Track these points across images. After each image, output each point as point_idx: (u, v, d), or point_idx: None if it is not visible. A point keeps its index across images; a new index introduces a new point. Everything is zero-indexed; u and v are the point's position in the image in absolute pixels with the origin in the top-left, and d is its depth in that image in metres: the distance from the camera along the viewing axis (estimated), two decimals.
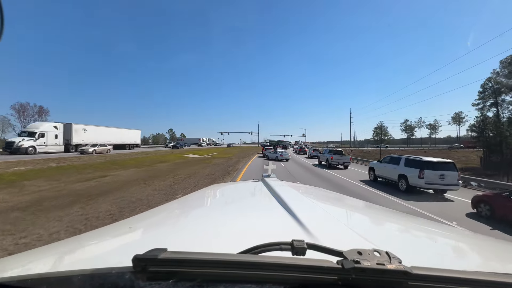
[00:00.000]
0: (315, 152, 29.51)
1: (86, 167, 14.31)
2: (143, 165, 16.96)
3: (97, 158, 19.47)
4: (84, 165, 15.05)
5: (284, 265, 0.47)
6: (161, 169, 14.99)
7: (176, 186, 9.06)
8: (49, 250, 0.80)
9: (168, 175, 12.14)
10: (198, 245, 0.79)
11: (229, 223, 1.05)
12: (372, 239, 0.80)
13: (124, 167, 15.23)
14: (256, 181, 2.24)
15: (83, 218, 5.10)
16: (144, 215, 1.31)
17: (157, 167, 16.17)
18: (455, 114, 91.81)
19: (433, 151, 49.09)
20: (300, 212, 1.04)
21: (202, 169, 14.80)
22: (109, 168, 14.53)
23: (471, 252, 0.92)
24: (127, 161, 18.83)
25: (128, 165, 16.54)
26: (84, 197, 7.01)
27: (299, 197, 1.53)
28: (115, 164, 16.41)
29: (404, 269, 0.46)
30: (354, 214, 1.41)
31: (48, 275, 0.54)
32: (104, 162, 17.05)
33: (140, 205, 6.18)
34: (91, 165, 15.21)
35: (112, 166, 15.46)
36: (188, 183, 9.72)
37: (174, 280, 0.47)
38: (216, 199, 1.73)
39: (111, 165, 16.12)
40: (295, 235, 0.67)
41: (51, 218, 5.08)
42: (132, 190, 8.28)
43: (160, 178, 10.95)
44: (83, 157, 19.97)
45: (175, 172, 13.23)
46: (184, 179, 10.82)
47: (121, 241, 0.90)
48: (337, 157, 17.75)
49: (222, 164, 18.43)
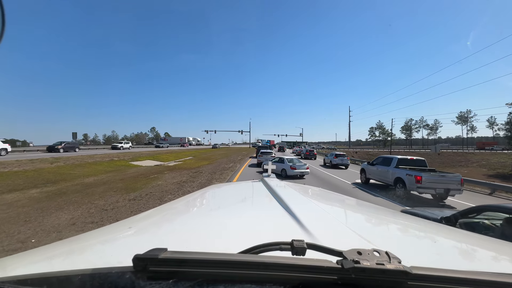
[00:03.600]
0: (339, 158, 19.53)
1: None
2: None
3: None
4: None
5: (284, 265, 0.47)
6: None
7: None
8: (49, 250, 0.79)
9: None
10: (198, 245, 0.79)
11: (229, 223, 1.04)
12: (371, 239, 0.80)
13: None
14: (256, 181, 2.22)
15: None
16: (144, 215, 1.27)
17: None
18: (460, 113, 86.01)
19: (447, 153, 45.19)
20: (300, 212, 1.05)
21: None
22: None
23: (471, 252, 0.91)
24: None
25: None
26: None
27: (299, 197, 1.51)
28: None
29: (404, 269, 0.46)
30: (354, 214, 1.40)
31: (48, 275, 0.54)
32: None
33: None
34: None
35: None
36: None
37: (174, 279, 0.47)
38: (216, 199, 1.70)
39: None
40: (295, 235, 0.68)
41: None
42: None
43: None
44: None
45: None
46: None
47: (121, 241, 0.88)
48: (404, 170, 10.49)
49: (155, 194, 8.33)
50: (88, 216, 5.95)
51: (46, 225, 5.39)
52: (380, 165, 10.69)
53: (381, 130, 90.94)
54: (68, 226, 5.37)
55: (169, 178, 11.78)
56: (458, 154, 44.95)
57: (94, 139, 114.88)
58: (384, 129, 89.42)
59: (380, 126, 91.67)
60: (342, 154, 20.41)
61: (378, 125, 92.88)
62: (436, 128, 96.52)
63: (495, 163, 28.60)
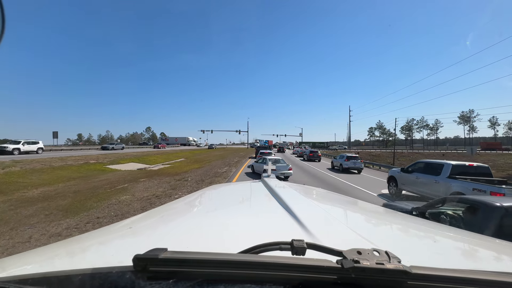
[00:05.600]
0: (351, 161, 16.26)
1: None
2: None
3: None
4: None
5: (284, 265, 0.47)
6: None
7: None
8: (49, 250, 0.79)
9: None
10: (198, 245, 0.78)
11: (229, 223, 1.04)
12: (371, 239, 0.80)
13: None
14: (255, 181, 2.20)
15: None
16: (144, 215, 1.26)
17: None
18: (462, 113, 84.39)
19: (451, 154, 43.49)
20: (300, 212, 1.05)
21: None
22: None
23: (471, 252, 0.91)
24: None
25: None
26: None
27: (298, 197, 1.50)
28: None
29: (404, 269, 0.45)
30: (353, 214, 1.40)
31: (48, 275, 0.54)
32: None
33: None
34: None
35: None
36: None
37: (174, 279, 0.47)
38: (216, 199, 1.70)
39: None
40: (295, 235, 0.68)
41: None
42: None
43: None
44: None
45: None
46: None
47: (121, 241, 0.88)
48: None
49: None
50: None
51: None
52: (422, 173, 8.08)
53: (381, 130, 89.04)
54: None
55: (141, 190, 8.91)
56: (463, 155, 43.26)
57: (89, 139, 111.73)
58: (385, 129, 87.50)
59: (380, 126, 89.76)
60: (355, 156, 17.41)
61: (378, 125, 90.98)
62: (437, 128, 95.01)
63: (502, 164, 26.65)
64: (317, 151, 28.12)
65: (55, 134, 33.14)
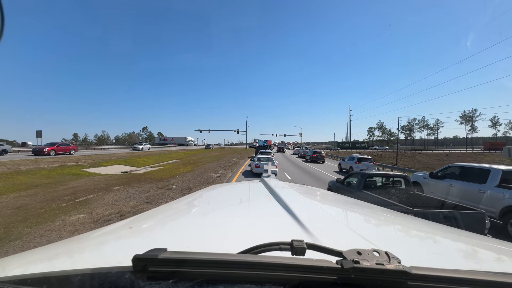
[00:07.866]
0: (364, 164, 14.79)
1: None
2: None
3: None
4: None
5: (284, 265, 0.47)
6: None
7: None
8: (49, 250, 0.79)
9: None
10: (198, 245, 0.78)
11: (229, 223, 1.03)
12: (371, 239, 0.79)
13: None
14: (255, 181, 2.20)
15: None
16: (144, 215, 1.25)
17: None
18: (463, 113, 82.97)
19: (455, 154, 43.22)
20: (300, 212, 1.04)
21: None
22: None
23: (471, 252, 0.90)
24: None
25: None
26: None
27: (298, 197, 1.51)
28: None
29: (403, 269, 0.45)
30: (353, 214, 1.39)
31: (48, 275, 0.54)
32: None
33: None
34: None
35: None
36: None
37: (174, 280, 0.47)
38: (216, 199, 1.69)
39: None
40: (295, 235, 0.68)
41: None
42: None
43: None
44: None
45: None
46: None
47: (121, 241, 0.88)
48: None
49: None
50: None
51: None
52: (458, 180, 6.46)
53: (381, 130, 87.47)
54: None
55: (106, 205, 6.83)
56: (467, 155, 42.01)
57: (85, 139, 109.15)
58: (385, 129, 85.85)
59: (380, 126, 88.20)
60: (367, 158, 15.72)
61: (379, 125, 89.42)
62: (438, 128, 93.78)
63: (508, 164, 25.08)
64: (320, 151, 25.79)
65: (38, 133, 30.79)
